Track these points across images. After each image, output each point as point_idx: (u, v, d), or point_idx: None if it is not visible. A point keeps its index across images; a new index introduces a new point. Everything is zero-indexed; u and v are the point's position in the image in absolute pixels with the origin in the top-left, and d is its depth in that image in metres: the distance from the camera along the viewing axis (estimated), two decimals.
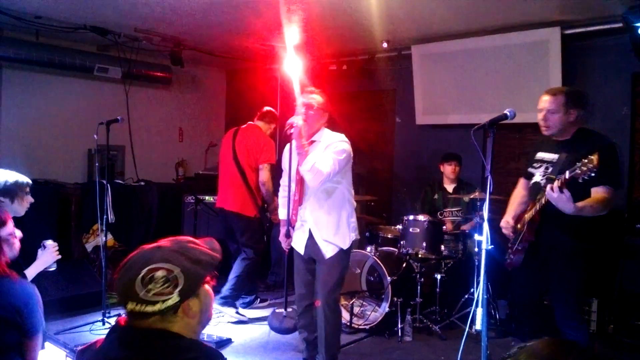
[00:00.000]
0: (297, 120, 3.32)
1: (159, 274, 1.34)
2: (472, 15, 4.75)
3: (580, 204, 2.83)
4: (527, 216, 3.23)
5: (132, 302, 1.33)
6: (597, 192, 2.96)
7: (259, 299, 5.25)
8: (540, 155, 3.28)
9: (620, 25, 4.43)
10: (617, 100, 4.87)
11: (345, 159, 3.39)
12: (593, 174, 2.63)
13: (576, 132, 3.18)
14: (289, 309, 4.04)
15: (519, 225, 3.32)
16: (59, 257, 3.08)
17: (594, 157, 2.60)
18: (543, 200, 3.00)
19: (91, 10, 4.83)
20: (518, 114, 2.84)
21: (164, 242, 1.46)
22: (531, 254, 3.27)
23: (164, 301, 1.33)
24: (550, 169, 3.17)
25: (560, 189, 2.74)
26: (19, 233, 2.61)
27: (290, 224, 3.61)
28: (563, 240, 3.09)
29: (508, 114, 2.77)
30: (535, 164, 3.31)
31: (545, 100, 3.16)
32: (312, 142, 3.46)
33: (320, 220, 3.47)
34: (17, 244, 2.57)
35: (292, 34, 5.61)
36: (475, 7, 4.48)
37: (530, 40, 5.00)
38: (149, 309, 1.32)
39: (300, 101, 3.48)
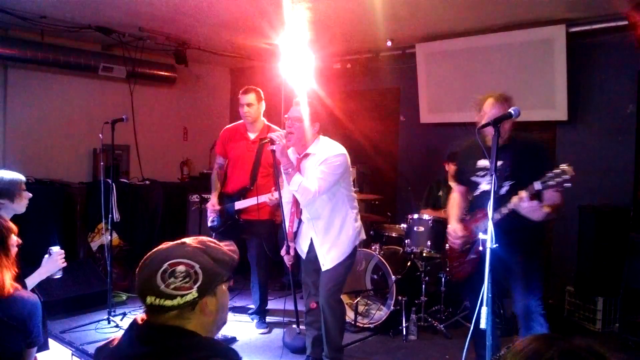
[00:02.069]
0: (278, 137, 3.27)
1: (180, 268, 1.36)
2: (476, 13, 4.73)
3: (547, 209, 2.88)
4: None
5: (152, 296, 1.34)
6: (555, 195, 2.93)
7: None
8: (482, 163, 3.20)
9: (626, 22, 4.42)
10: (623, 98, 4.85)
11: (340, 174, 3.35)
12: (569, 184, 2.64)
13: (510, 138, 3.13)
14: (302, 327, 4.01)
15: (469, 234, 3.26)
16: (64, 264, 2.99)
17: (568, 168, 2.62)
18: (505, 210, 2.91)
19: (96, 10, 4.84)
20: (523, 112, 2.83)
21: (187, 239, 1.49)
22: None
23: (182, 296, 1.34)
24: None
25: (532, 198, 2.79)
26: (17, 241, 2.57)
27: (288, 237, 3.63)
28: (524, 243, 3.08)
29: (512, 112, 2.77)
30: (478, 173, 3.23)
31: (492, 105, 3.08)
32: (307, 155, 3.44)
33: (321, 231, 3.49)
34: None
35: (296, 32, 5.62)
36: (479, 5, 4.46)
37: (535, 38, 4.98)
38: (168, 302, 1.33)
39: (288, 114, 3.45)
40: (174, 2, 4.56)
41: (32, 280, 2.90)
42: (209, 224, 4.54)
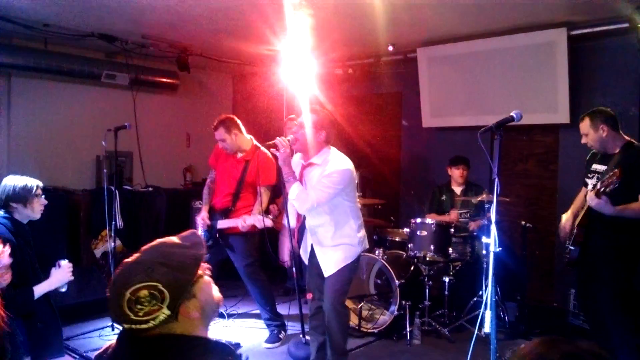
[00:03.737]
0: (282, 144, 3.28)
1: (143, 293, 1.32)
2: (477, 17, 4.74)
3: (619, 207, 3.18)
4: (577, 220, 3.55)
5: (126, 324, 1.34)
6: None
7: None
8: (594, 166, 3.60)
9: (627, 25, 4.42)
10: (625, 101, 4.84)
11: (341, 189, 3.34)
12: (617, 185, 3.04)
13: (623, 146, 3.45)
14: (308, 337, 4.02)
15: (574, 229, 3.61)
16: (72, 278, 3.08)
17: (617, 171, 3.02)
18: (586, 207, 3.39)
19: (99, 17, 4.86)
20: (525, 115, 2.84)
21: (144, 251, 1.43)
22: (584, 255, 3.52)
23: (154, 318, 1.32)
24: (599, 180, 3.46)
25: (598, 196, 3.14)
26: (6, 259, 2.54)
27: (293, 236, 3.70)
28: (604, 241, 3.38)
29: (514, 116, 2.79)
30: (589, 174, 3.63)
31: (580, 126, 3.57)
32: (312, 164, 3.44)
33: (321, 239, 3.50)
34: (5, 276, 2.54)
35: (298, 38, 5.63)
36: (481, 9, 4.47)
37: (536, 41, 4.98)
38: (144, 326, 1.32)
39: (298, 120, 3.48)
40: (177, 10, 4.58)
41: (40, 289, 2.94)
42: None
